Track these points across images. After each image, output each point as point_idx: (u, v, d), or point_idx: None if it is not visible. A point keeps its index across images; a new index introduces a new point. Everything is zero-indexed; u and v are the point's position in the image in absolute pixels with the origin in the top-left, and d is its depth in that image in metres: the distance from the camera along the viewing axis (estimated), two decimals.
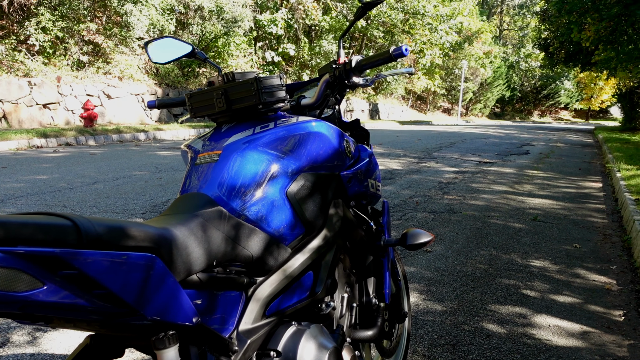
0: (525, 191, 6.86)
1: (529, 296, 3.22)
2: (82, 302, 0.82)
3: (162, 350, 0.94)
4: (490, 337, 2.64)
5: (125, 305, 0.86)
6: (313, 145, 1.42)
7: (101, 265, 0.81)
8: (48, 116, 12.93)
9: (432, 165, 9.05)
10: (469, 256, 3.97)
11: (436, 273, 3.58)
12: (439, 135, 17.31)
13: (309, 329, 1.29)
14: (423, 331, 2.69)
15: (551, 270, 3.73)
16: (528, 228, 4.89)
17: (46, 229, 0.78)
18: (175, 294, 0.95)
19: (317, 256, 1.39)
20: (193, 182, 1.34)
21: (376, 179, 1.72)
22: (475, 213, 5.42)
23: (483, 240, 4.43)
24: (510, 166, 9.49)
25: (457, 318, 2.86)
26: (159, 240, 0.94)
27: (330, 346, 1.29)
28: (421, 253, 4.01)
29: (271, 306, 1.29)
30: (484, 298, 3.16)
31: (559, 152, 12.97)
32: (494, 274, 3.60)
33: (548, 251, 4.18)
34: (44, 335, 2.55)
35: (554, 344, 2.60)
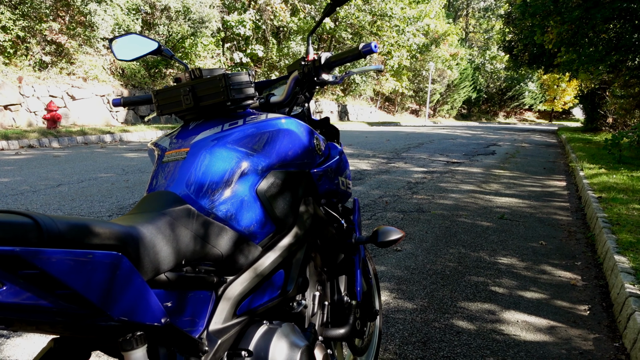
0: (493, 190, 6.97)
1: (498, 293, 3.26)
2: (45, 303, 0.78)
3: (129, 351, 0.91)
4: (460, 334, 2.66)
5: (90, 305, 0.83)
6: (283, 142, 1.41)
7: (64, 265, 0.78)
8: (9, 118, 12.56)
9: (401, 166, 9.12)
10: (439, 254, 4.01)
11: (406, 271, 3.60)
12: (408, 136, 17.48)
13: (281, 328, 1.27)
14: (394, 329, 2.70)
15: (518, 267, 3.79)
16: (495, 226, 4.96)
17: (5, 226, 0.74)
18: (143, 294, 0.92)
19: (288, 254, 1.38)
20: (160, 181, 1.31)
21: (346, 177, 1.71)
22: (444, 212, 5.48)
23: (452, 238, 4.48)
24: (478, 166, 9.64)
25: (428, 315, 2.88)
26: (125, 238, 0.92)
27: (302, 345, 1.28)
28: (391, 252, 4.03)
29: (242, 305, 1.27)
30: (453, 295, 3.19)
31: (524, 152, 13.23)
32: (463, 271, 3.64)
33: (515, 248, 4.25)
34: (6, 341, 2.46)
35: (523, 339, 2.64)
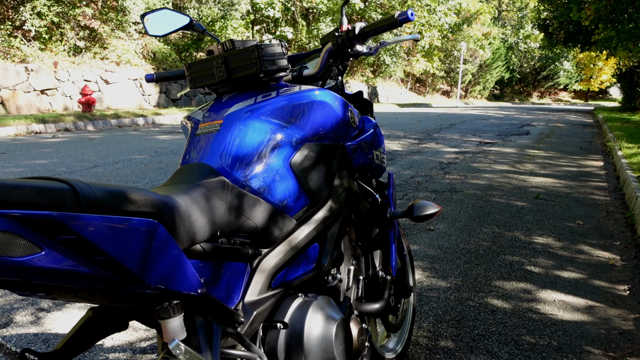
0: (527, 170, 6.83)
1: (533, 272, 3.20)
2: (83, 269, 0.79)
3: (166, 319, 0.91)
4: (495, 313, 2.62)
5: (127, 272, 0.83)
6: (317, 114, 1.39)
7: (101, 231, 0.78)
8: (46, 102, 12.84)
9: (432, 146, 9.01)
10: (472, 234, 3.95)
11: (439, 251, 3.56)
12: (439, 117, 17.24)
13: (316, 301, 1.26)
14: (428, 307, 2.68)
15: (555, 246, 3.71)
16: (530, 206, 4.87)
17: (42, 192, 0.74)
18: (179, 262, 0.92)
19: (323, 228, 1.36)
20: (194, 153, 1.31)
21: (381, 151, 1.69)
22: (477, 192, 5.40)
23: (486, 218, 4.41)
24: (511, 146, 9.45)
25: (462, 294, 2.84)
26: (161, 206, 0.91)
27: (338, 318, 1.27)
28: (424, 231, 3.99)
29: (277, 278, 1.26)
30: (488, 274, 3.14)
31: (559, 132, 12.92)
32: (497, 251, 3.58)
33: (551, 228, 4.16)
34: (47, 315, 2.53)
35: (560, 318, 2.58)
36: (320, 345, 1.21)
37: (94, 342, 1.13)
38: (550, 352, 2.26)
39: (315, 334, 1.21)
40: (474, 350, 2.26)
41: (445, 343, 2.33)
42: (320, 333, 1.21)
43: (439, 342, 2.34)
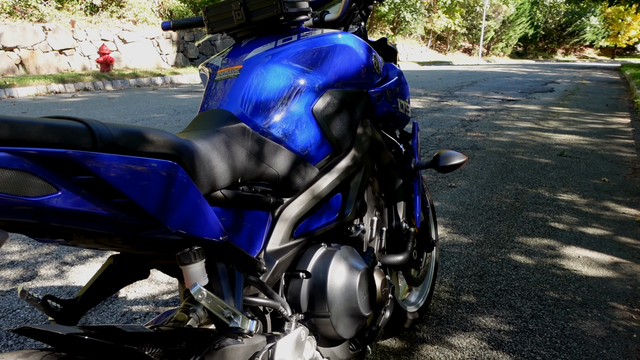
0: (551, 127, 6.68)
1: (557, 229, 3.15)
2: (101, 212, 0.76)
3: (187, 265, 0.89)
4: (518, 268, 2.59)
5: (147, 216, 0.80)
6: (340, 58, 1.33)
7: (118, 171, 0.75)
8: (64, 62, 12.84)
9: (453, 104, 8.85)
10: (494, 191, 3.89)
11: (461, 207, 3.51)
12: (460, 75, 16.89)
13: (339, 250, 1.24)
14: (449, 263, 2.65)
15: (579, 203, 3.64)
16: (555, 163, 4.77)
17: (56, 130, 0.71)
18: (200, 207, 0.89)
19: (346, 177, 1.32)
20: (213, 99, 1.27)
21: (405, 100, 1.63)
22: (500, 149, 5.30)
23: (508, 175, 4.33)
24: (535, 103, 9.24)
25: (484, 250, 2.81)
26: (181, 149, 0.88)
27: (361, 268, 1.25)
28: (445, 188, 3.94)
29: (299, 227, 1.23)
30: (510, 231, 3.10)
31: (584, 89, 12.58)
32: (520, 207, 3.52)
33: (576, 185, 4.07)
34: (70, 268, 2.56)
35: (584, 275, 2.54)
36: (344, 294, 1.19)
37: (115, 289, 1.12)
38: (574, 307, 2.23)
39: (339, 283, 1.19)
40: (497, 305, 2.24)
41: (467, 298, 2.31)
42: (343, 282, 1.19)
43: (461, 297, 2.32)
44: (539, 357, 1.88)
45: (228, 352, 0.95)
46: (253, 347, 1.02)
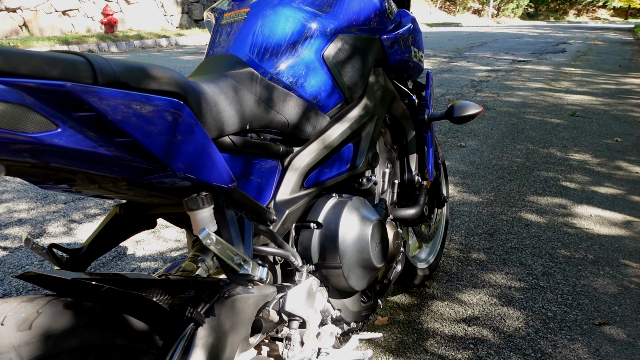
0: (563, 88, 6.56)
1: (569, 188, 3.10)
2: (104, 152, 0.72)
3: (195, 211, 0.86)
4: (529, 227, 2.56)
5: (152, 157, 0.76)
6: (352, 2, 1.27)
7: (121, 108, 0.71)
8: (68, 23, 12.65)
9: (463, 65, 8.69)
10: (505, 150, 3.83)
11: (471, 166, 3.46)
12: (470, 36, 16.56)
13: (351, 201, 1.20)
14: (459, 221, 2.62)
15: (591, 163, 3.58)
16: (566, 123, 4.68)
17: (55, 62, 0.67)
18: (208, 151, 0.85)
19: (358, 127, 1.28)
20: (219, 44, 1.21)
21: (419, 48, 1.56)
22: (510, 109, 5.21)
23: (519, 135, 4.26)
24: (546, 64, 9.06)
25: (494, 209, 2.78)
26: (186, 87, 0.84)
27: (373, 219, 1.21)
28: (455, 147, 3.88)
29: (309, 177, 1.20)
30: (521, 190, 3.05)
31: (597, 50, 12.32)
32: (531, 167, 3.47)
33: (588, 145, 4.00)
34: (78, 226, 2.55)
35: (596, 233, 2.51)
36: (356, 245, 1.16)
37: (122, 239, 1.09)
38: (586, 265, 2.20)
39: (351, 234, 1.15)
40: (507, 263, 2.22)
41: (477, 255, 2.28)
42: (355, 233, 1.16)
43: (471, 254, 2.30)
44: (550, 314, 1.86)
45: (238, 301, 0.93)
46: (263, 297, 0.99)
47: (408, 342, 1.73)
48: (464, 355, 1.65)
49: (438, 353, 1.67)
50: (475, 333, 1.77)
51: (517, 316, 1.85)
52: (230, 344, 0.90)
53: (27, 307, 0.70)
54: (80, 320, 0.73)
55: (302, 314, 1.02)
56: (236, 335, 0.92)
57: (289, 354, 1.01)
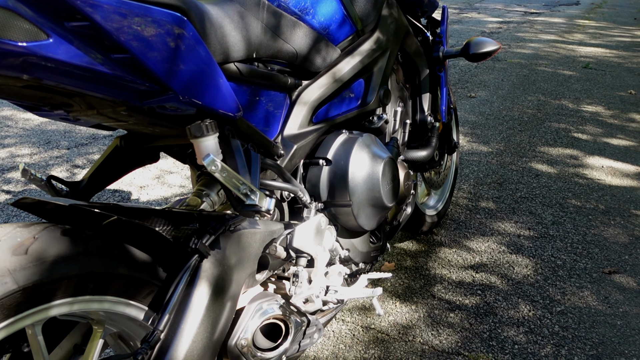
0: (576, 40, 6.38)
1: (581, 139, 3.03)
2: (100, 68, 0.67)
3: (199, 138, 0.81)
4: (539, 177, 2.51)
5: (152, 77, 0.71)
6: None
7: (117, 18, 0.65)
8: None
9: (473, 16, 8.45)
10: (516, 101, 3.74)
11: (481, 117, 3.39)
12: None
13: (362, 138, 1.15)
14: (468, 170, 2.57)
15: (604, 115, 3.49)
16: (579, 75, 4.56)
17: None
18: (213, 75, 0.80)
19: (369, 61, 1.22)
20: None
21: None
22: (522, 61, 5.08)
23: (530, 86, 4.16)
24: (559, 16, 8.80)
25: (504, 159, 2.72)
26: (189, 3, 0.77)
27: (384, 156, 1.16)
28: (464, 98, 3.80)
29: (318, 113, 1.14)
30: (532, 140, 2.99)
31: (612, 3, 11.94)
32: (542, 118, 3.39)
33: (601, 97, 3.90)
34: (82, 171, 2.52)
35: (608, 184, 2.46)
36: (366, 183, 1.12)
37: (123, 173, 1.05)
38: (596, 214, 2.16)
39: (361, 171, 1.11)
40: (516, 212, 2.18)
41: (486, 204, 2.25)
42: (366, 170, 1.12)
43: (480, 203, 2.26)
44: (559, 262, 1.84)
45: (244, 236, 0.90)
46: (270, 233, 0.96)
47: (415, 287, 1.71)
48: (471, 301, 1.64)
49: (445, 298, 1.65)
50: (483, 280, 1.75)
51: (525, 264, 1.83)
52: (236, 279, 0.87)
53: (23, 232, 0.67)
54: (79, 248, 0.69)
55: (310, 250, 0.98)
56: (242, 270, 0.89)
57: (296, 291, 0.98)
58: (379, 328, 1.53)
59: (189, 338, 0.76)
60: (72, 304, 0.69)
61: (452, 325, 1.54)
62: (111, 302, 0.74)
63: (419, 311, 1.60)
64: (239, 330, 0.87)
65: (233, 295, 0.86)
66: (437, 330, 1.52)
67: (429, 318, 1.57)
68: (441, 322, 1.55)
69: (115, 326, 0.82)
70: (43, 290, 0.65)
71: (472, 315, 1.58)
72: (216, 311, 0.80)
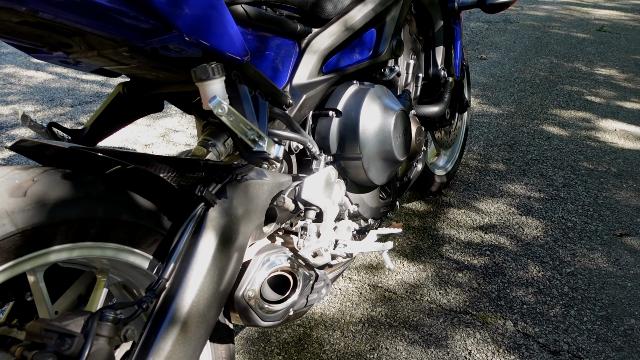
0: (590, 2, 6.21)
1: (594, 102, 2.97)
2: (100, 1, 0.63)
3: (205, 81, 0.77)
4: (550, 139, 2.46)
5: (156, 13, 0.67)
6: None
7: None
8: None
9: None
10: (528, 64, 3.66)
11: (491, 79, 3.32)
12: None
13: (373, 89, 1.11)
14: (478, 132, 2.53)
15: (618, 78, 3.42)
16: (593, 38, 4.46)
17: None
18: (219, 13, 0.76)
19: (382, 10, 1.16)
20: None
21: None
22: (535, 23, 4.96)
23: (543, 49, 4.06)
24: None
25: (515, 121, 2.67)
26: None
27: (397, 108, 1.12)
28: (474, 60, 3.72)
29: (329, 62, 1.10)
30: (544, 103, 2.93)
31: None
32: (555, 81, 3.32)
33: (615, 60, 3.81)
34: None
35: (620, 147, 2.41)
36: (377, 135, 1.08)
37: (126, 121, 1.02)
38: (608, 177, 2.12)
39: (372, 123, 1.07)
40: (527, 174, 2.14)
41: (496, 166, 2.21)
42: (377, 123, 1.08)
43: (490, 164, 2.22)
44: (569, 224, 1.81)
45: (252, 186, 0.86)
46: (278, 185, 0.92)
47: (423, 247, 1.69)
48: (480, 262, 1.62)
49: (454, 258, 1.63)
50: (492, 240, 1.72)
51: (535, 225, 1.80)
52: (243, 230, 0.84)
53: (22, 174, 0.64)
54: (80, 192, 0.66)
55: (319, 203, 0.95)
56: (249, 221, 0.86)
57: (304, 244, 0.95)
58: (386, 286, 1.52)
59: (195, 288, 0.74)
60: (73, 250, 0.66)
61: (460, 285, 1.52)
62: (114, 250, 0.71)
63: (427, 271, 1.58)
64: (246, 281, 0.85)
65: (240, 247, 0.83)
66: (445, 290, 1.50)
67: (436, 277, 1.55)
68: (449, 282, 1.53)
69: (119, 275, 0.80)
70: (42, 233, 0.62)
71: (480, 276, 1.56)
72: (223, 261, 0.78)
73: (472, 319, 1.39)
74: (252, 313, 0.85)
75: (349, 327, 1.37)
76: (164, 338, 0.70)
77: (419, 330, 1.36)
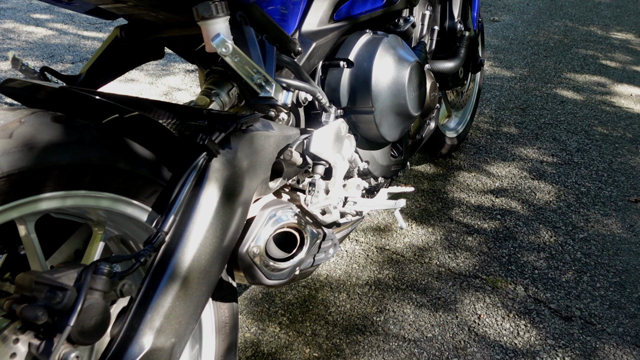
0: None
1: (609, 66, 2.88)
2: None
3: (207, 20, 0.71)
4: (564, 103, 2.39)
5: None
6: None
7: None
8: None
9: None
10: (541, 27, 3.55)
11: (504, 41, 3.22)
12: None
13: (387, 39, 1.04)
14: (490, 95, 2.45)
15: (634, 42, 3.31)
16: (609, 1, 4.32)
17: None
18: None
19: None
20: None
21: None
22: None
23: (557, 12, 3.94)
24: None
25: (528, 84, 2.59)
26: None
27: (412, 60, 1.06)
28: (487, 22, 3.61)
29: (340, 9, 1.03)
30: (558, 67, 2.84)
31: None
32: (569, 44, 3.22)
33: (631, 24, 3.70)
34: None
35: (636, 112, 2.34)
36: (391, 88, 1.02)
37: (124, 68, 0.96)
38: (623, 143, 2.06)
39: (385, 75, 1.01)
40: (540, 138, 2.08)
41: (508, 129, 2.14)
42: (391, 75, 1.01)
43: (502, 128, 2.15)
44: (583, 189, 1.75)
45: (257, 138, 0.81)
46: (285, 138, 0.87)
47: (432, 210, 1.64)
48: (490, 225, 1.57)
49: (463, 222, 1.59)
50: (503, 204, 1.67)
51: (548, 190, 1.75)
52: (248, 183, 0.79)
53: (7, 115, 0.58)
54: (72, 136, 0.61)
55: (328, 157, 0.90)
56: (255, 175, 0.80)
57: (312, 200, 0.90)
58: (393, 249, 1.48)
59: (196, 242, 0.69)
60: (65, 199, 0.62)
61: (470, 249, 1.48)
62: (110, 200, 0.67)
63: (436, 234, 1.54)
64: (250, 237, 0.80)
65: (244, 201, 0.78)
66: (454, 253, 1.46)
67: (445, 241, 1.51)
68: (458, 245, 1.49)
69: (116, 228, 0.75)
70: (31, 179, 0.57)
71: (490, 240, 1.51)
72: (226, 215, 0.73)
73: (481, 283, 1.36)
74: (256, 270, 0.81)
75: (356, 290, 1.34)
76: (164, 294, 0.66)
77: (427, 294, 1.32)
